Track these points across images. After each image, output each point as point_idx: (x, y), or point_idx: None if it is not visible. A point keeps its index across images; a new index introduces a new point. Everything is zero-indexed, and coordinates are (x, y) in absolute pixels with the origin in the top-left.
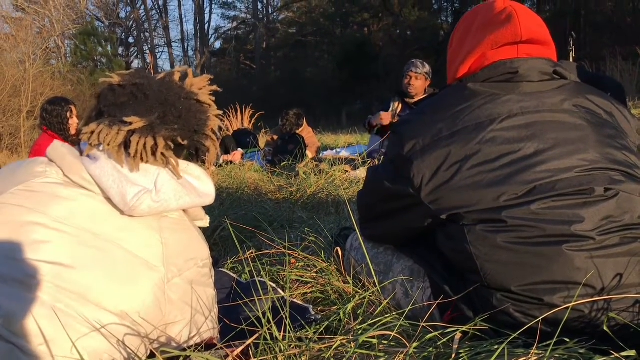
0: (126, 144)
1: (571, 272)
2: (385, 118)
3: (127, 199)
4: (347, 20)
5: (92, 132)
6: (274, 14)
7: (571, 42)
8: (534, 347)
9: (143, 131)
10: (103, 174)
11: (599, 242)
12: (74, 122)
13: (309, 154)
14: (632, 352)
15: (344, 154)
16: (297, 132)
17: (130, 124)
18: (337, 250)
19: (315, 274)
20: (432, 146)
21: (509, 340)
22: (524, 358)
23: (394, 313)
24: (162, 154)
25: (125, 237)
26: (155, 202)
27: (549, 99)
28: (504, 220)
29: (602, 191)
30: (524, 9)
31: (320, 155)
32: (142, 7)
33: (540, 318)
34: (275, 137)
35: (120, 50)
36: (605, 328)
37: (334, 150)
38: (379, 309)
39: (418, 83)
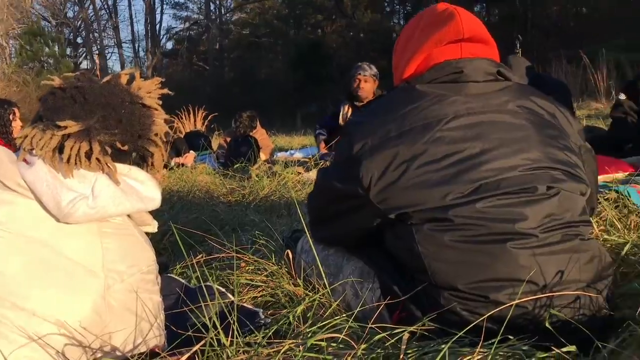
0: (61, 149)
1: (515, 270)
2: (322, 149)
3: (61, 205)
4: (300, 21)
5: (26, 137)
6: (227, 14)
7: (517, 45)
8: (479, 346)
9: (78, 136)
10: (37, 180)
11: (541, 239)
12: (17, 125)
13: (263, 155)
14: (573, 348)
15: (298, 155)
16: (251, 134)
17: (65, 128)
18: (287, 253)
19: (265, 278)
20: (380, 146)
21: (454, 339)
22: (469, 357)
23: (344, 315)
24: (98, 159)
25: (64, 243)
26: (92, 209)
27: (493, 100)
28: (450, 219)
29: (545, 189)
30: (464, 10)
31: (274, 157)
32: (91, 6)
33: (486, 316)
34: (229, 139)
35: (69, 50)
36: (547, 324)
37: (288, 152)
38: (329, 311)
39: (367, 86)
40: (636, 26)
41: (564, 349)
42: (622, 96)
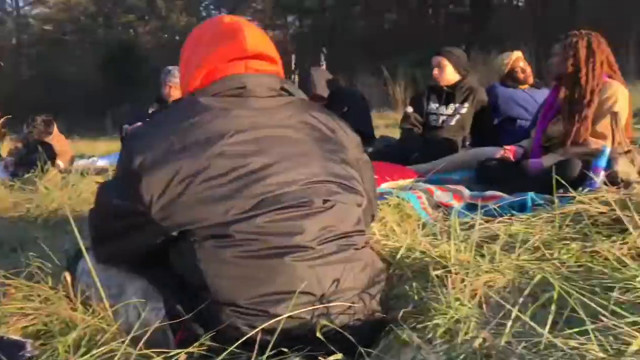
0: None
1: (293, 282)
2: None
3: None
4: (110, 20)
5: None
6: (26, 7)
7: (322, 57)
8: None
9: None
10: None
11: (318, 251)
12: None
13: (61, 163)
14: (339, 356)
15: (100, 163)
16: (47, 139)
17: None
18: (64, 275)
19: (39, 304)
20: (162, 161)
21: (224, 354)
22: None
23: (122, 339)
24: None
25: None
26: None
27: (277, 115)
28: (231, 235)
29: (321, 203)
30: (250, 26)
31: (73, 165)
32: None
33: (259, 328)
34: (20, 145)
35: None
36: (318, 334)
37: (90, 160)
38: (106, 335)
39: (177, 93)
40: (428, 43)
41: (331, 357)
42: (409, 109)
